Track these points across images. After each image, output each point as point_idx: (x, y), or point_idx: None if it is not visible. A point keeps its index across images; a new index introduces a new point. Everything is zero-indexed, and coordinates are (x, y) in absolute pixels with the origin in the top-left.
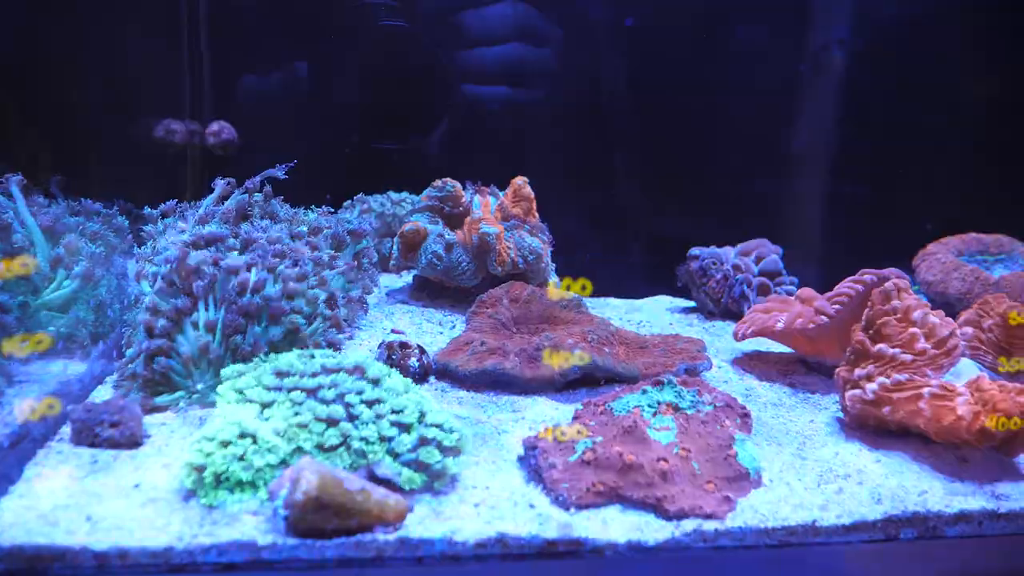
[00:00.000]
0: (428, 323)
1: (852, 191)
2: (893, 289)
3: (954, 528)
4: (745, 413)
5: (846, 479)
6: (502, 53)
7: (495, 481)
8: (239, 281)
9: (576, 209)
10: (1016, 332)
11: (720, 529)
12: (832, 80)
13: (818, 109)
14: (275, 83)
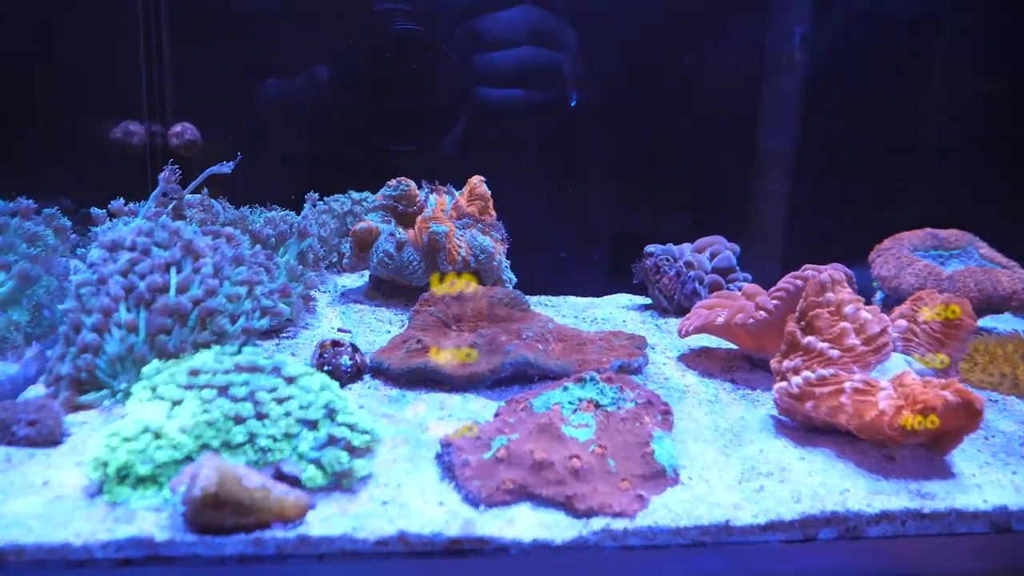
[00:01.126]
0: (378, 321)
1: (816, 188)
2: (828, 281)
3: (876, 528)
4: (666, 410)
5: (768, 477)
6: (515, 56)
7: (409, 479)
8: (153, 282)
9: (541, 208)
10: (950, 325)
11: (629, 528)
12: (795, 76)
13: (781, 106)
14: (293, 87)
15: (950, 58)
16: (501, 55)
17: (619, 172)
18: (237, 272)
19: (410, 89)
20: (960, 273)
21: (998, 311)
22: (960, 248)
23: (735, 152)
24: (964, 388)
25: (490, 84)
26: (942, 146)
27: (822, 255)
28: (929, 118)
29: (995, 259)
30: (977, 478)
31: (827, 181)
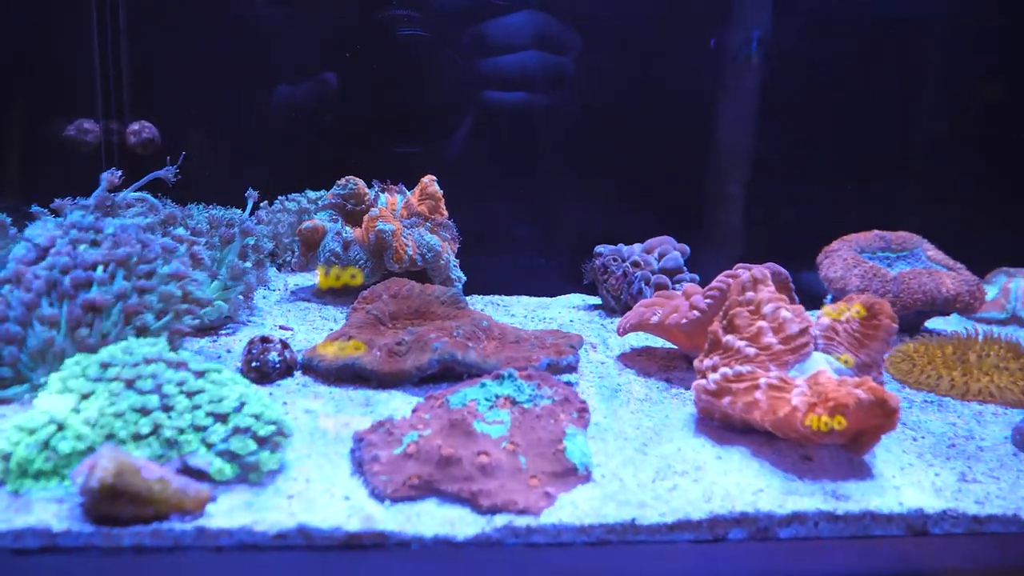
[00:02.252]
0: (323, 319)
1: (775, 189)
2: (750, 280)
3: (787, 530)
4: (583, 408)
5: (683, 476)
6: (519, 60)
7: (321, 473)
8: (76, 277)
9: (502, 208)
10: (869, 326)
11: (533, 525)
12: (753, 78)
13: (740, 107)
14: (303, 92)
15: (909, 58)
16: (505, 59)
17: (578, 172)
18: (165, 268)
19: (414, 93)
20: (905, 275)
21: (944, 313)
22: (907, 250)
23: (695, 154)
24: (878, 386)
25: (495, 87)
26: (900, 146)
27: (781, 256)
28: (887, 118)
29: (942, 261)
30: (897, 479)
31: (786, 182)
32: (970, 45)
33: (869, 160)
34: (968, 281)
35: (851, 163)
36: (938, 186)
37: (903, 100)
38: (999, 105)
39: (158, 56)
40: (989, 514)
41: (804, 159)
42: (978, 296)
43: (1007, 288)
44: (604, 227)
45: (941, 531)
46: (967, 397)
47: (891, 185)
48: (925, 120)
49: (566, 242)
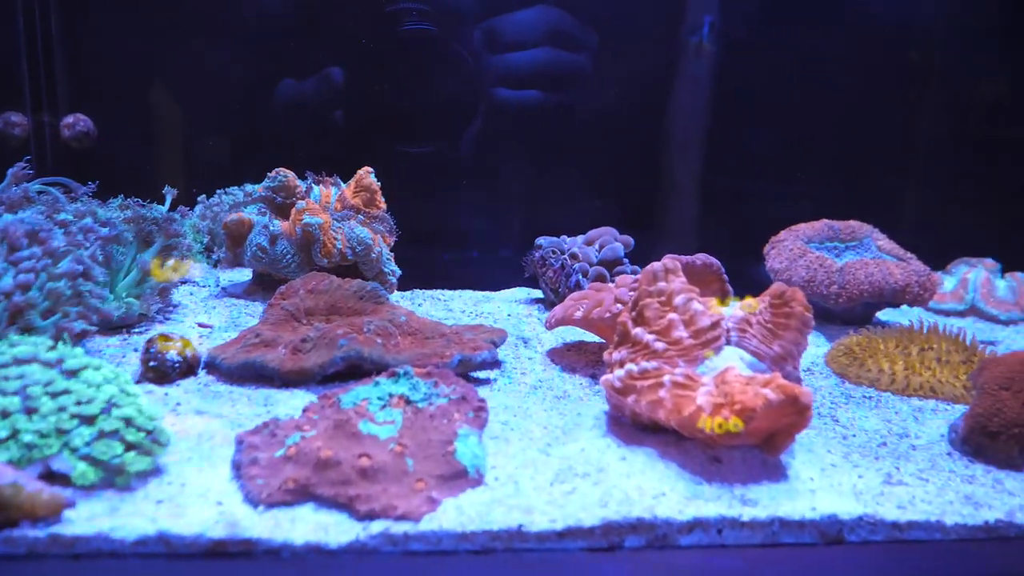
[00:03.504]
0: (248, 316)
1: (728, 180)
2: (661, 270)
3: (689, 537)
4: (480, 407)
5: (584, 478)
6: (532, 57)
7: (200, 477)
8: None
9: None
10: (781, 315)
11: (411, 532)
12: (703, 67)
13: (691, 97)
14: (309, 88)
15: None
16: (518, 56)
17: (528, 165)
18: (59, 266)
19: (422, 90)
20: (851, 265)
21: (894, 304)
22: (857, 240)
23: (649, 145)
24: (787, 383)
25: (506, 85)
26: (858, 136)
27: (737, 248)
28: (845, 108)
29: (892, 251)
30: (815, 482)
31: (741, 173)
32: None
33: (827, 150)
34: (918, 271)
35: (809, 153)
36: (899, 176)
37: (863, 89)
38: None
39: (101, 44)
40: (910, 520)
41: (760, 149)
42: (928, 287)
43: (965, 279)
44: (558, 219)
45: (858, 539)
46: (907, 392)
47: (850, 175)
48: (884, 109)
49: (518, 234)
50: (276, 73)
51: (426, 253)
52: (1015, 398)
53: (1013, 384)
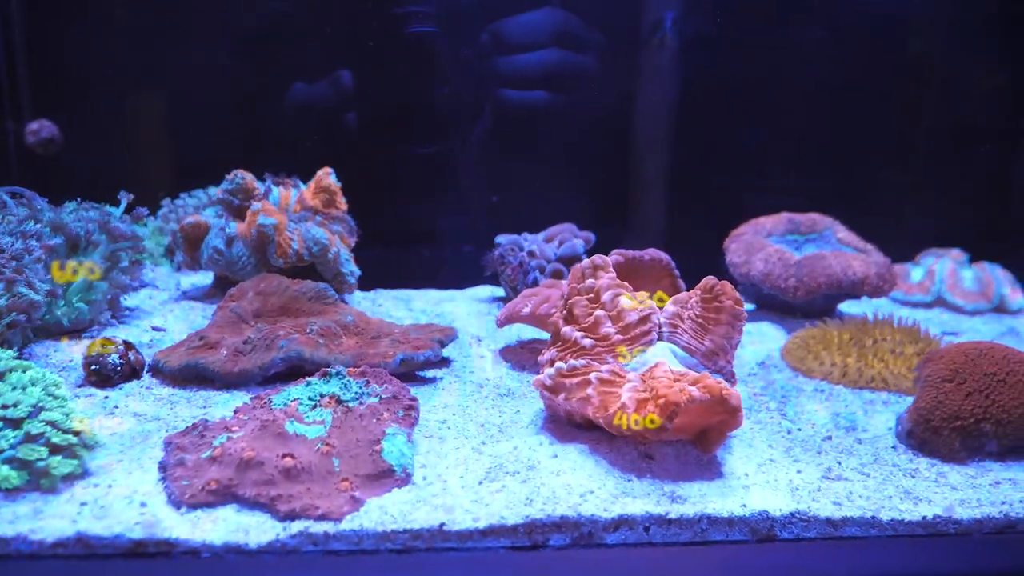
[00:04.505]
0: (205, 320)
1: (693, 176)
2: (589, 267)
3: (615, 535)
4: (410, 405)
5: (514, 476)
6: (540, 59)
7: (128, 479)
8: None
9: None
10: (711, 309)
11: (332, 531)
12: (667, 61)
13: (654, 93)
14: (318, 91)
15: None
16: (525, 58)
17: (494, 161)
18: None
19: (428, 91)
20: (809, 258)
21: (853, 296)
22: (817, 232)
23: (612, 140)
24: (715, 383)
25: (513, 86)
26: (825, 129)
27: (699, 244)
28: (811, 101)
29: (852, 243)
30: (750, 478)
31: (704, 168)
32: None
33: (794, 144)
34: (878, 263)
35: (775, 147)
36: (871, 167)
37: (835, 81)
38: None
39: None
40: (845, 516)
41: (725, 144)
42: (888, 279)
43: (932, 270)
44: (527, 216)
45: (791, 535)
46: (860, 385)
47: (823, 167)
48: (851, 102)
49: (486, 232)
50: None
51: (396, 252)
52: (957, 390)
53: (956, 376)
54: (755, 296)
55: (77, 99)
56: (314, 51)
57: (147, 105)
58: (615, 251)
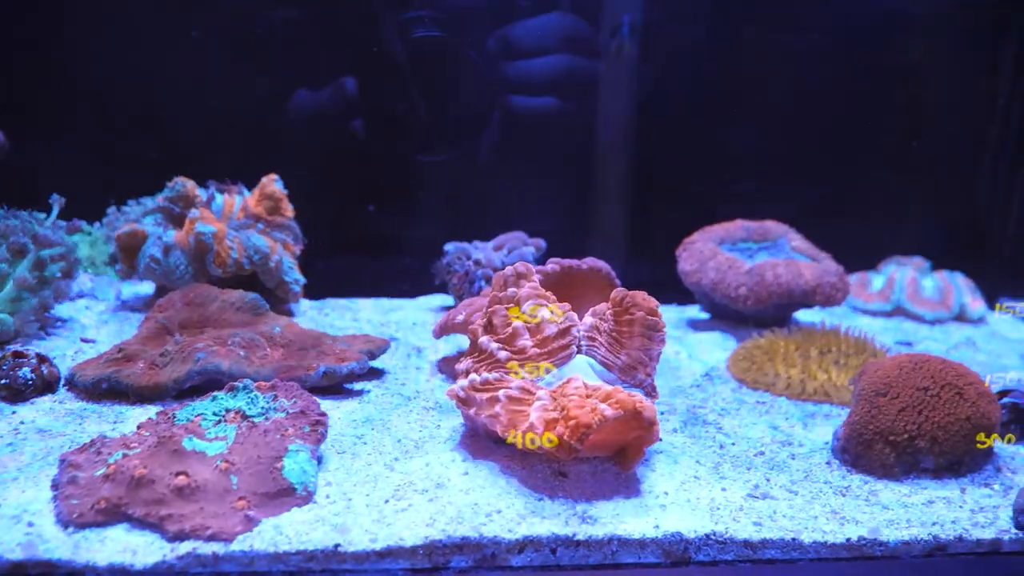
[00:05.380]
0: None
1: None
2: (512, 275)
3: (520, 557)
4: (317, 421)
5: (422, 494)
6: (549, 64)
7: (20, 498)
8: None
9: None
10: (624, 323)
11: (221, 553)
12: (625, 66)
13: (613, 99)
14: (322, 98)
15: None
16: (534, 63)
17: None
18: None
19: (438, 97)
20: (760, 266)
21: (805, 305)
22: (771, 241)
23: (574, 146)
24: (627, 399)
25: (521, 92)
26: (788, 135)
27: (659, 251)
28: (773, 107)
29: (806, 251)
30: (669, 496)
31: (664, 174)
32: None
33: (759, 150)
34: (829, 271)
35: (736, 155)
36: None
37: (794, 88)
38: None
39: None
40: (764, 538)
41: (686, 151)
42: (841, 287)
43: (892, 279)
44: (485, 225)
45: (706, 558)
46: (803, 397)
47: (778, 176)
48: (817, 108)
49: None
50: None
51: (353, 260)
52: (891, 404)
53: (890, 390)
54: (708, 305)
55: (24, 106)
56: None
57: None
58: (551, 260)
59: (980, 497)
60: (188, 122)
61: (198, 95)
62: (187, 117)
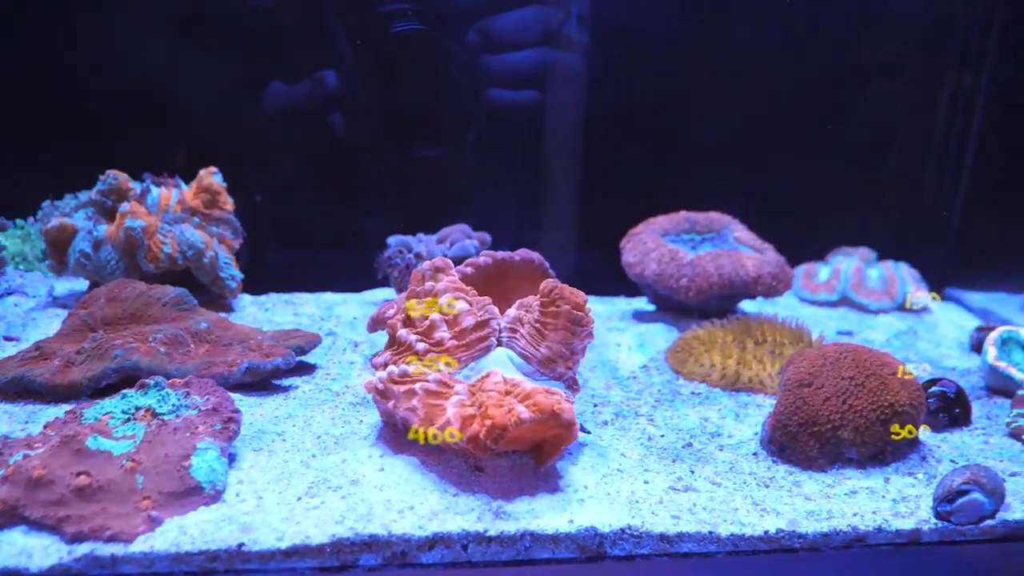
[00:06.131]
0: None
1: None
2: (430, 269)
3: (431, 554)
4: (229, 418)
5: (336, 491)
6: (527, 57)
7: None
8: None
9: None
10: (549, 314)
11: (120, 554)
12: (575, 58)
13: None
14: (299, 92)
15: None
16: (512, 56)
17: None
18: None
19: (421, 92)
20: (701, 257)
21: (748, 296)
22: (714, 232)
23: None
24: (545, 400)
25: (501, 86)
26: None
27: (611, 243)
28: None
29: (749, 242)
30: (589, 490)
31: (615, 165)
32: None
33: (707, 142)
34: (771, 263)
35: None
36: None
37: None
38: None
39: None
40: (681, 532)
41: (637, 143)
42: (782, 278)
43: (838, 269)
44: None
45: (622, 552)
46: (737, 387)
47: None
48: (768, 100)
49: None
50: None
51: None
52: (815, 395)
53: (814, 380)
54: (653, 297)
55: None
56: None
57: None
58: (484, 252)
59: (904, 487)
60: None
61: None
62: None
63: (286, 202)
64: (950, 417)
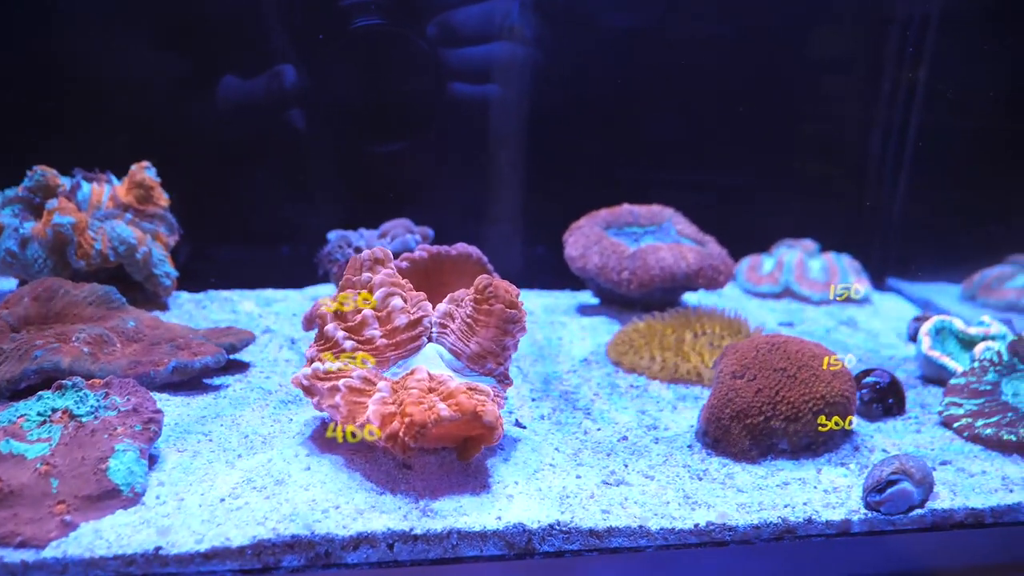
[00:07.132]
0: None
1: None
2: (369, 259)
3: (355, 554)
4: (150, 419)
5: (260, 492)
6: (489, 51)
7: None
8: None
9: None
10: (481, 311)
11: (31, 560)
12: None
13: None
14: (254, 87)
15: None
16: (473, 51)
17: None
18: None
19: (383, 86)
20: (643, 250)
21: (689, 288)
22: (656, 225)
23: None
24: (467, 400)
25: (462, 80)
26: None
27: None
28: (662, 93)
29: (691, 235)
30: (519, 487)
31: (560, 159)
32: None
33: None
34: (712, 255)
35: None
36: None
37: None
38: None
39: None
40: (610, 526)
41: (582, 137)
42: (723, 270)
43: (782, 261)
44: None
45: (551, 548)
46: (676, 379)
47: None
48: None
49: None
50: None
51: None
52: (747, 387)
53: (747, 371)
54: (596, 290)
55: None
56: None
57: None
58: (420, 247)
59: (835, 477)
60: (76, 107)
61: (89, 77)
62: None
63: (226, 198)
64: (884, 407)
